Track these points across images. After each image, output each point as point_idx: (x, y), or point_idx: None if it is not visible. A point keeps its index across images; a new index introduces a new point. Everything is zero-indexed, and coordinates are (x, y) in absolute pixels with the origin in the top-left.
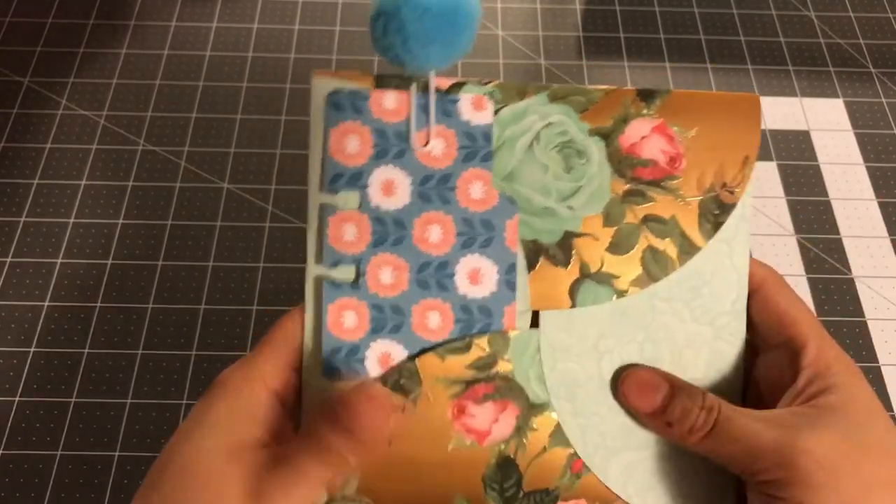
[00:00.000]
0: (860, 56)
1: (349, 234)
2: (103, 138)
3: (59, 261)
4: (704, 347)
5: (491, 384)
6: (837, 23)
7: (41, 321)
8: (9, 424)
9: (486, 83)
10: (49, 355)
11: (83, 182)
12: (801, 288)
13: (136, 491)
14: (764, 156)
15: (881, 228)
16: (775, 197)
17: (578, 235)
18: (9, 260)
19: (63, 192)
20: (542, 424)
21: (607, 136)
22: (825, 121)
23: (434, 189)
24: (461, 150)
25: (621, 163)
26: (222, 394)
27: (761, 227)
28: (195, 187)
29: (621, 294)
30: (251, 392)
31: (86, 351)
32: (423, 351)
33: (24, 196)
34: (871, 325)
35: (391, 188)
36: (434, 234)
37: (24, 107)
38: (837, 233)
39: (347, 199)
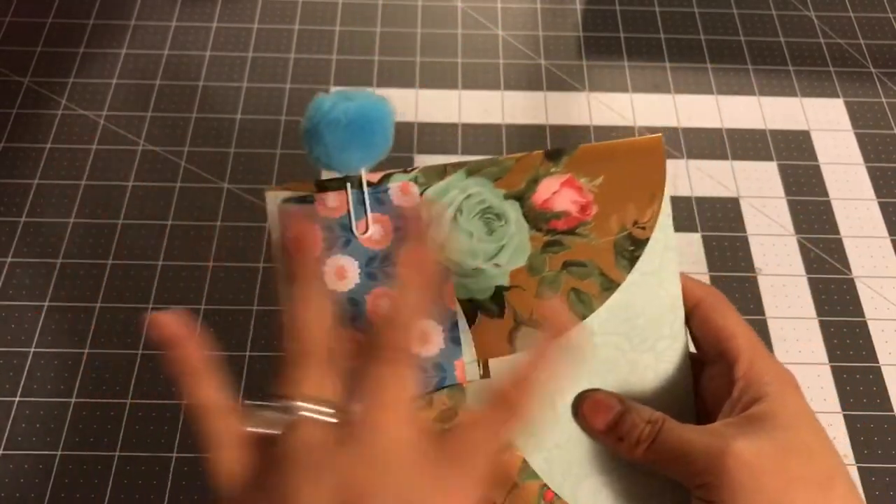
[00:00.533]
0: (860, 56)
1: None
2: (103, 138)
3: (59, 261)
4: (649, 372)
5: None
6: (837, 23)
7: (41, 321)
8: (9, 424)
9: (410, 170)
10: (49, 355)
11: (83, 182)
12: (801, 288)
13: None
14: (764, 156)
15: (881, 228)
16: (775, 197)
17: (508, 288)
18: (9, 260)
19: (63, 192)
20: (509, 462)
21: (521, 198)
22: (825, 121)
23: (378, 268)
24: (396, 231)
25: (537, 218)
26: None
27: (761, 227)
28: (195, 187)
29: None
30: None
31: (86, 351)
32: None
33: (24, 196)
34: (871, 325)
35: (343, 273)
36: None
37: (24, 107)
38: (837, 233)
39: None
